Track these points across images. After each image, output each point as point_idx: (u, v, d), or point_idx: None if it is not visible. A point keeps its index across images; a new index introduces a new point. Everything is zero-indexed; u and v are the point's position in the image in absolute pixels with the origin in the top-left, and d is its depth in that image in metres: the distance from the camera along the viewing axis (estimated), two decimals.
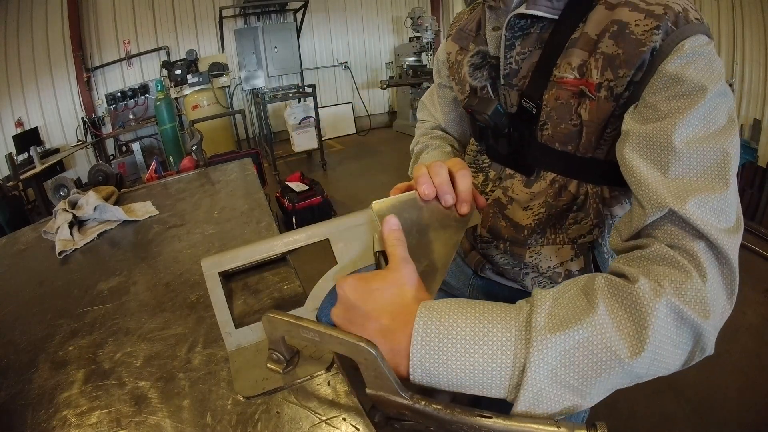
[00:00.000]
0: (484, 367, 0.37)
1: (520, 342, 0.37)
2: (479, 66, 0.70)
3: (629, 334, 0.37)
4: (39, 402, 0.52)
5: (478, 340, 0.37)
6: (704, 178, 0.43)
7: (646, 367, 0.37)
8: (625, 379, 0.38)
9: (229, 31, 5.08)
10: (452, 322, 0.38)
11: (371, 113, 5.81)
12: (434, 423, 0.40)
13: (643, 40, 0.50)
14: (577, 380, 0.36)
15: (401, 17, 5.84)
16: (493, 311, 0.39)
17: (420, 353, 0.38)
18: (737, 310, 1.60)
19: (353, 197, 3.47)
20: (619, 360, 0.36)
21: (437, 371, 0.38)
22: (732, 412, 1.36)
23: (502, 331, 0.37)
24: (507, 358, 0.37)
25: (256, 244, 0.53)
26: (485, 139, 0.73)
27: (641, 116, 0.49)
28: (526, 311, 0.39)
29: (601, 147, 0.60)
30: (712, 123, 0.45)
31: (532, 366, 0.35)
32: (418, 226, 0.54)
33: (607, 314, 0.37)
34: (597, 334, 0.36)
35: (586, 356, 0.36)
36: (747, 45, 2.80)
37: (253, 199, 1.11)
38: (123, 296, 0.74)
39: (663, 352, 0.37)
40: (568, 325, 0.36)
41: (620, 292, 0.38)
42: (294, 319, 0.44)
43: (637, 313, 0.37)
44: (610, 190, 0.64)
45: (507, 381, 0.37)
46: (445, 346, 0.37)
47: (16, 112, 4.29)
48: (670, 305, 0.37)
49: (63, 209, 1.04)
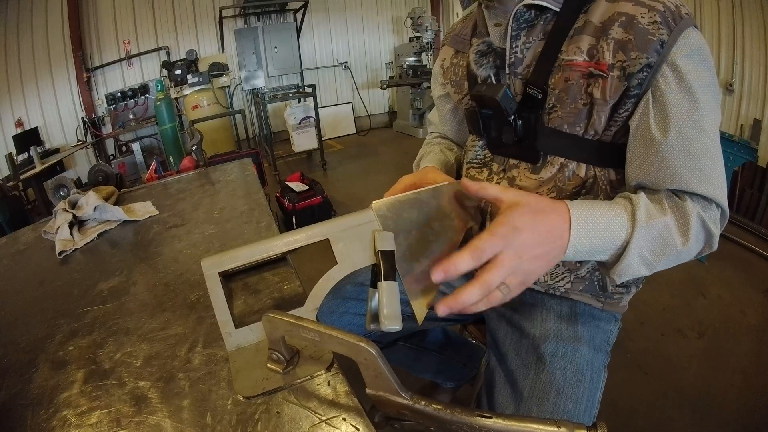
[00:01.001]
0: (609, 240, 0.53)
1: (630, 227, 0.54)
2: (485, 53, 0.71)
3: (682, 231, 0.56)
4: (39, 402, 0.52)
5: (607, 226, 0.53)
6: (710, 163, 0.57)
7: (685, 252, 0.56)
8: (673, 260, 0.57)
9: (229, 31, 5.08)
10: (591, 218, 0.53)
11: (371, 113, 5.80)
12: (434, 423, 0.40)
13: (651, 30, 0.55)
14: (651, 256, 0.55)
15: (401, 17, 5.83)
16: (612, 207, 0.54)
17: (575, 238, 0.52)
18: (737, 310, 1.59)
19: (353, 197, 3.47)
20: (675, 246, 0.55)
21: (584, 250, 0.53)
22: (732, 412, 1.36)
23: (621, 220, 0.54)
24: (621, 232, 0.53)
25: (256, 244, 0.53)
26: (488, 131, 0.74)
27: (659, 109, 0.57)
28: (630, 210, 0.54)
29: (610, 128, 0.63)
30: (709, 121, 0.57)
31: (631, 245, 0.53)
32: (419, 226, 0.54)
33: (672, 216, 0.55)
34: (667, 228, 0.55)
35: (660, 241, 0.55)
36: (747, 45, 2.80)
37: (253, 199, 1.11)
38: (123, 296, 0.74)
39: (693, 245, 0.56)
40: (654, 219, 0.54)
41: (677, 204, 0.57)
42: (294, 319, 0.44)
43: (684, 218, 0.56)
44: (616, 173, 0.65)
45: (617, 248, 0.54)
46: (589, 229, 0.52)
47: (16, 112, 4.29)
48: (700, 217, 0.56)
49: (63, 209, 1.04)
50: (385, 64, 6.01)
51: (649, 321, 1.78)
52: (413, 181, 0.66)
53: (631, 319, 1.76)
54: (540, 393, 0.63)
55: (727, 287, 1.96)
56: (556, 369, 0.64)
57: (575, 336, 0.69)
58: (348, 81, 5.86)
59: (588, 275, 0.71)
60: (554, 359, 0.66)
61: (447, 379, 1.24)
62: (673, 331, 1.73)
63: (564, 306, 0.74)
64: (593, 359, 0.67)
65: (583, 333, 0.70)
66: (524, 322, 0.74)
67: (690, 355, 1.60)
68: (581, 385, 0.63)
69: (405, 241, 0.53)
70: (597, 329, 0.72)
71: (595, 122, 0.62)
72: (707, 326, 1.74)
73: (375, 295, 0.48)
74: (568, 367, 0.65)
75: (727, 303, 1.87)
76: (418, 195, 0.56)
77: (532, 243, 0.48)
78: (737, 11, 2.80)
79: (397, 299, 0.47)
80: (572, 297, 0.74)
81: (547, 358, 0.66)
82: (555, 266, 0.71)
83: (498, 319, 0.79)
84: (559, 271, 0.72)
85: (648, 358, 1.60)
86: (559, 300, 0.75)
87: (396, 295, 0.48)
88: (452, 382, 1.27)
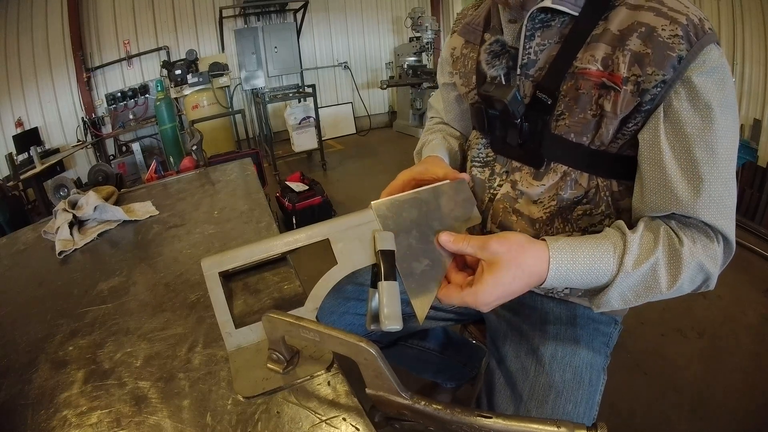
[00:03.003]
0: (589, 282, 0.54)
1: (615, 270, 0.53)
2: (498, 54, 0.69)
3: (670, 274, 0.54)
4: (39, 402, 0.52)
5: (589, 271, 0.54)
6: (719, 188, 0.55)
7: (670, 294, 0.55)
8: (655, 299, 0.56)
9: (229, 31, 5.08)
10: (573, 263, 0.53)
11: (371, 113, 5.80)
12: (434, 423, 0.40)
13: (671, 44, 0.53)
14: (632, 297, 0.55)
15: (401, 17, 5.83)
16: (599, 249, 0.54)
17: (554, 276, 0.53)
18: (737, 310, 1.59)
19: (353, 197, 3.47)
20: (660, 290, 0.54)
21: (561, 284, 0.54)
22: (732, 412, 1.36)
23: (606, 266, 0.53)
24: (605, 276, 0.54)
25: (256, 244, 0.53)
26: (492, 130, 0.72)
27: (673, 124, 0.56)
28: (620, 252, 0.54)
29: (617, 141, 0.61)
30: (723, 143, 0.54)
31: (612, 288, 0.54)
32: (418, 226, 0.54)
33: (663, 254, 0.54)
34: (654, 271, 0.54)
35: (643, 284, 0.54)
36: (747, 45, 2.80)
37: (253, 199, 1.11)
38: (123, 296, 0.74)
39: (683, 287, 0.55)
40: (640, 264, 0.53)
41: (672, 246, 0.55)
42: (294, 319, 0.44)
43: (677, 264, 0.54)
44: (619, 184, 0.64)
45: (598, 287, 0.55)
46: (568, 272, 0.53)
47: (16, 112, 4.29)
48: (698, 262, 0.54)
49: (63, 209, 1.04)
50: (385, 64, 6.01)
51: (649, 321, 1.78)
52: (412, 176, 0.64)
53: (631, 319, 1.75)
54: (539, 395, 0.63)
55: (727, 287, 1.96)
56: (555, 371, 0.64)
57: (574, 339, 0.69)
58: (348, 81, 5.86)
59: None
60: (553, 362, 0.66)
61: (447, 378, 1.24)
62: (673, 331, 1.73)
63: (563, 309, 0.74)
64: (592, 362, 0.67)
65: (582, 336, 0.70)
66: (524, 324, 0.74)
67: (690, 355, 1.60)
68: (580, 388, 0.63)
69: (405, 240, 0.53)
70: (596, 332, 0.72)
71: (602, 134, 0.60)
72: (707, 326, 1.74)
73: (375, 295, 0.48)
74: (567, 370, 0.65)
75: (727, 303, 1.87)
76: (417, 194, 0.56)
77: (512, 289, 0.51)
78: (737, 11, 2.80)
79: (397, 299, 0.47)
80: (572, 300, 0.74)
81: (546, 360, 0.66)
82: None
83: (498, 321, 0.79)
84: None
85: (648, 358, 1.60)
86: (559, 303, 0.75)
87: (396, 295, 0.48)
88: (452, 381, 1.27)
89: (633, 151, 0.60)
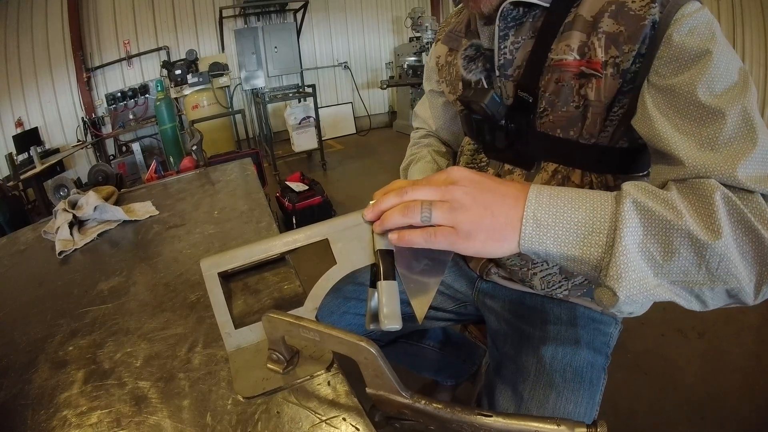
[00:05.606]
0: (586, 221, 0.40)
1: (613, 202, 0.41)
2: (473, 58, 0.68)
3: (702, 216, 0.39)
4: (39, 402, 0.52)
5: (582, 201, 0.41)
6: (737, 141, 0.43)
7: (717, 245, 0.37)
8: (690, 257, 0.38)
9: (229, 31, 5.08)
10: (558, 190, 0.42)
11: (371, 113, 5.81)
12: (434, 422, 0.40)
13: (642, 14, 0.50)
14: (658, 251, 0.38)
15: (401, 17, 5.83)
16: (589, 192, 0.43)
17: (534, 206, 0.41)
18: (737, 310, 1.58)
19: (353, 197, 3.47)
20: (696, 236, 0.37)
21: (547, 223, 0.40)
22: (732, 412, 1.36)
23: (600, 195, 0.41)
24: (606, 214, 0.40)
25: (255, 244, 0.53)
26: (481, 135, 0.72)
27: (660, 88, 0.49)
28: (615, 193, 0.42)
29: (606, 130, 0.59)
30: (725, 82, 0.45)
31: (622, 221, 0.38)
32: None
33: (677, 193, 0.41)
34: (672, 206, 0.39)
35: (662, 229, 0.38)
36: (747, 45, 2.80)
37: (253, 199, 1.11)
38: (123, 296, 0.74)
39: (728, 240, 0.39)
40: (652, 192, 0.41)
41: (689, 183, 0.42)
42: (294, 319, 0.44)
43: (703, 200, 0.40)
44: (615, 179, 0.63)
45: (604, 238, 0.39)
46: (555, 202, 0.41)
47: (16, 112, 4.29)
48: (726, 199, 0.39)
49: (63, 209, 1.04)
50: (385, 64, 6.01)
51: (649, 321, 1.78)
52: (407, 184, 0.63)
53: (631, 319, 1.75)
54: (540, 395, 0.63)
55: None
56: (555, 371, 0.64)
57: (575, 339, 0.69)
58: (348, 81, 5.86)
59: (586, 282, 0.71)
60: (554, 362, 0.66)
61: (447, 376, 1.24)
62: (673, 331, 1.73)
63: (564, 309, 0.74)
64: (593, 362, 0.67)
65: (582, 336, 0.70)
66: (524, 324, 0.74)
67: (690, 356, 1.60)
68: (581, 388, 0.63)
69: None
70: (597, 332, 0.72)
71: (589, 125, 0.58)
72: (707, 326, 1.74)
73: (374, 294, 0.48)
74: (567, 370, 0.65)
75: None
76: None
77: (480, 188, 0.42)
78: (737, 11, 2.80)
79: (396, 298, 0.47)
80: (572, 300, 0.74)
81: (546, 360, 0.66)
82: (552, 274, 0.71)
83: (498, 321, 0.79)
84: (556, 279, 0.71)
85: (648, 358, 1.60)
86: (559, 303, 0.75)
87: (396, 294, 0.48)
88: (453, 379, 1.27)
89: (626, 142, 0.59)
